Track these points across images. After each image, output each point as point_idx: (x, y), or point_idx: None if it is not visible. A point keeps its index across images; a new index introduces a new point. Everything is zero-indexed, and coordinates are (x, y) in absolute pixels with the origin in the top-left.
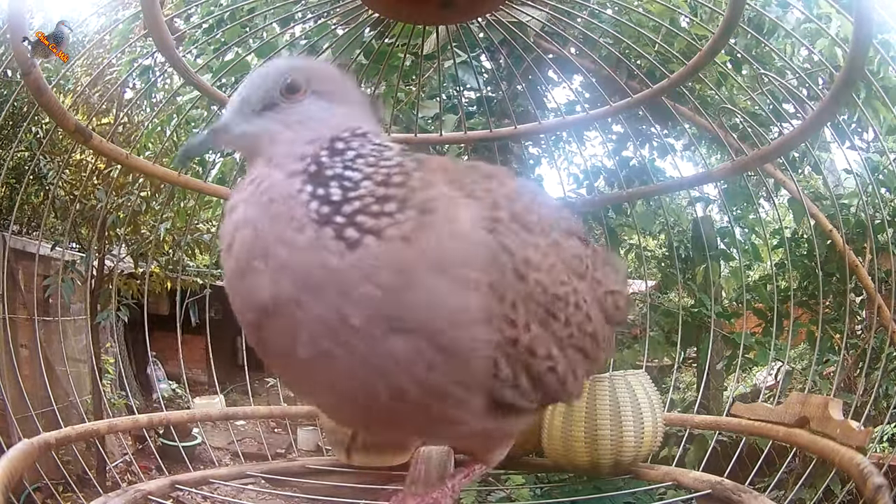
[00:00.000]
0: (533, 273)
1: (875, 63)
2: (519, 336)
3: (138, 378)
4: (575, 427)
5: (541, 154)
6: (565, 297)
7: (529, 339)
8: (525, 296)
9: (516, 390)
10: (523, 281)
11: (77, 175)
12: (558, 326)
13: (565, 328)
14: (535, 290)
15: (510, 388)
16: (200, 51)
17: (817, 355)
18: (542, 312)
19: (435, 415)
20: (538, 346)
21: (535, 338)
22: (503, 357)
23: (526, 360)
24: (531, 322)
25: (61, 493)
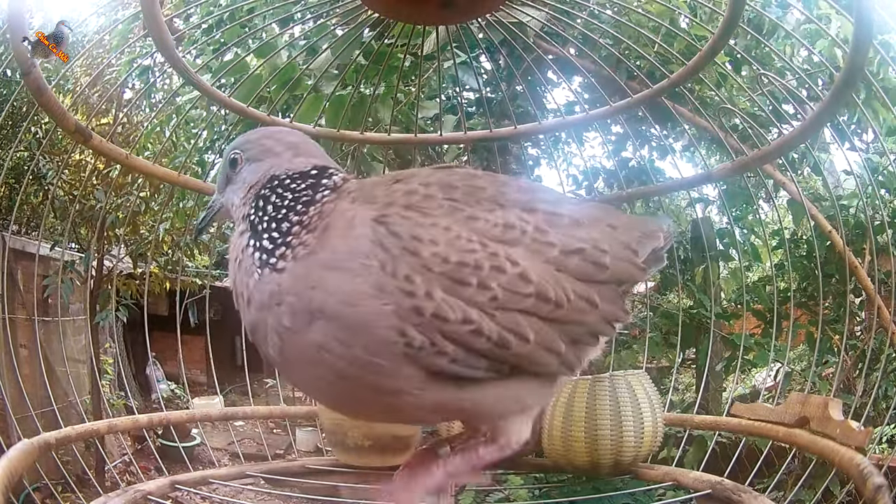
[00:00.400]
0: (427, 247)
1: (875, 64)
2: (420, 304)
3: (137, 378)
4: (575, 427)
5: (540, 155)
6: (476, 262)
7: (434, 306)
8: (420, 267)
9: (445, 357)
10: (416, 255)
11: (76, 175)
12: (471, 291)
13: (482, 291)
14: (431, 261)
15: (439, 356)
16: (200, 51)
17: (817, 356)
18: (446, 280)
19: (377, 387)
20: (447, 312)
21: (442, 304)
22: (411, 326)
23: (439, 327)
24: (432, 290)
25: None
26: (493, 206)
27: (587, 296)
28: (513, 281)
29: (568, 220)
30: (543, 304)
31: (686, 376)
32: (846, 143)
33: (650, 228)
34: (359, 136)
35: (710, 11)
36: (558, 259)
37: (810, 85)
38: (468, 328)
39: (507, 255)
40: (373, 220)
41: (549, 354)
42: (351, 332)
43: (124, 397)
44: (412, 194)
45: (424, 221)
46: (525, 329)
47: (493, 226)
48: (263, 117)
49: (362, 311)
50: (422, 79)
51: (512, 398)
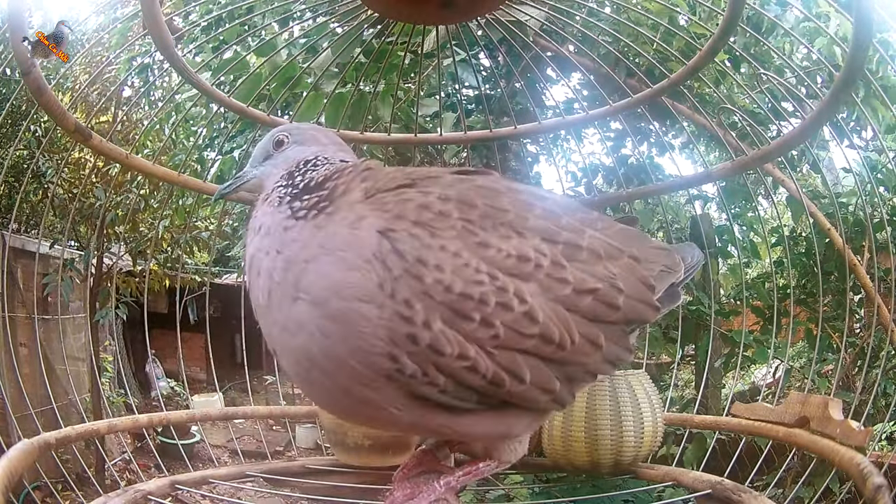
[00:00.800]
0: (431, 273)
1: (874, 62)
2: (417, 333)
3: (137, 376)
4: (575, 427)
5: (539, 152)
6: (482, 297)
7: (431, 337)
8: (421, 294)
9: (436, 388)
10: (419, 280)
11: (76, 173)
12: (473, 326)
13: (485, 329)
14: (433, 289)
15: (428, 386)
16: (199, 49)
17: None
18: (447, 311)
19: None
20: (444, 345)
21: (440, 336)
22: (404, 353)
23: (433, 359)
24: (431, 320)
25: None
26: (511, 234)
27: (593, 337)
28: (518, 320)
29: (588, 253)
30: (546, 345)
31: (685, 372)
32: (845, 140)
33: (673, 260)
34: (359, 135)
35: (710, 10)
36: (570, 298)
37: (809, 83)
38: (463, 364)
39: (517, 290)
40: (379, 231)
41: (542, 393)
42: (334, 325)
43: (124, 395)
44: (426, 209)
45: (433, 243)
46: (522, 369)
47: (507, 256)
48: (263, 117)
49: (350, 309)
50: (421, 77)
51: (497, 427)
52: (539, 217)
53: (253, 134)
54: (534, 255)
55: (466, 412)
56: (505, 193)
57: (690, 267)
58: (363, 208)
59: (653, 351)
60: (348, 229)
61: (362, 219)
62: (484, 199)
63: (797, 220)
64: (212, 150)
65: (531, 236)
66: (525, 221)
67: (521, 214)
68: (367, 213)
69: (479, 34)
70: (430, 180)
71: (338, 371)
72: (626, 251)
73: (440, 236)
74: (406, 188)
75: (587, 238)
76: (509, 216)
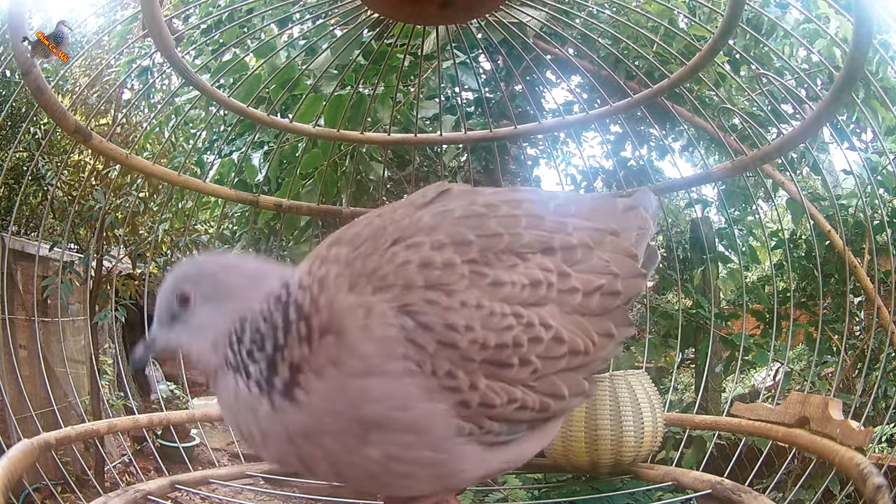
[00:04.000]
0: (463, 335)
1: (874, 63)
2: (467, 398)
3: (137, 379)
4: (575, 427)
5: (539, 155)
6: (515, 340)
7: (480, 395)
8: (460, 360)
9: (492, 434)
10: (454, 347)
11: (76, 176)
12: (514, 371)
13: (524, 368)
14: (470, 350)
15: (486, 435)
16: (199, 51)
17: (816, 356)
18: (488, 367)
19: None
20: (493, 398)
21: (487, 392)
22: (459, 418)
23: (486, 413)
24: (476, 381)
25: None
26: (514, 259)
27: (607, 330)
28: (549, 347)
29: (582, 249)
30: (574, 357)
31: (685, 376)
32: (845, 142)
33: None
34: (358, 136)
35: (709, 11)
36: (582, 304)
37: (809, 84)
38: (513, 407)
39: (541, 319)
40: (395, 311)
41: (579, 398)
42: (413, 435)
43: (124, 397)
44: (429, 267)
45: (452, 304)
46: (561, 388)
47: (521, 288)
48: (263, 118)
49: (416, 414)
50: (421, 78)
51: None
52: (527, 227)
53: (252, 136)
54: (542, 276)
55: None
56: (486, 215)
57: (654, 216)
58: (363, 300)
59: (652, 357)
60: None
61: (369, 312)
62: (473, 230)
63: (797, 222)
64: (211, 153)
65: (531, 253)
66: (520, 239)
67: (512, 233)
68: (371, 301)
69: (479, 36)
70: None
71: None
72: (606, 228)
73: (456, 291)
74: (392, 249)
75: (574, 232)
76: (505, 240)
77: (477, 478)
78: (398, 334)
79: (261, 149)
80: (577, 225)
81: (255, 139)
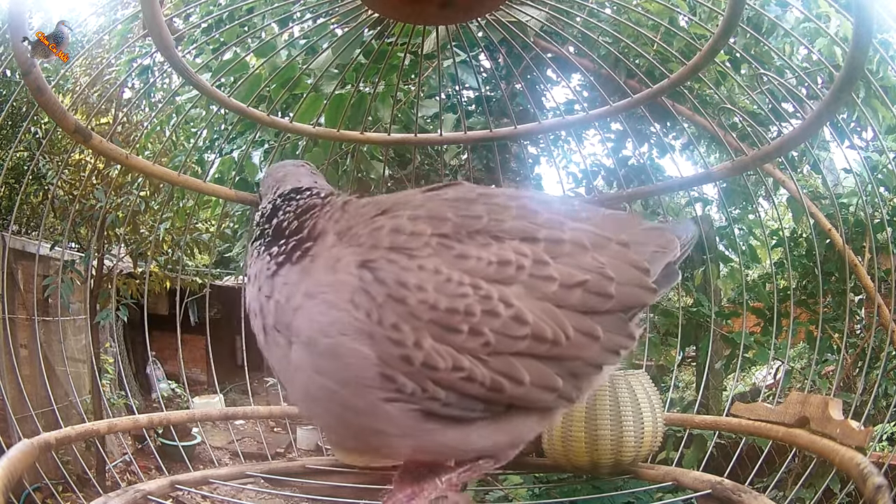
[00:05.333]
0: (414, 294)
1: (874, 62)
2: (410, 353)
3: (137, 378)
4: (575, 427)
5: (540, 153)
6: (467, 308)
7: (424, 355)
8: (408, 315)
9: (438, 402)
10: (402, 303)
11: (76, 175)
12: (462, 338)
13: (474, 338)
14: (418, 308)
15: (430, 401)
16: (199, 50)
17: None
18: (435, 328)
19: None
20: (437, 361)
21: (431, 353)
22: (400, 374)
23: (429, 375)
24: (422, 339)
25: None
26: (488, 240)
27: (588, 329)
28: (507, 324)
29: (571, 245)
30: (539, 344)
31: (686, 374)
32: (846, 141)
33: (667, 239)
34: (359, 135)
35: (710, 10)
36: (558, 294)
37: (809, 84)
38: (459, 375)
39: (502, 295)
40: (357, 265)
41: (545, 392)
42: (325, 361)
43: (125, 397)
44: (398, 232)
45: (411, 265)
46: (519, 372)
47: (487, 264)
48: (263, 117)
49: (337, 345)
50: (422, 77)
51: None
52: (516, 217)
53: (252, 135)
54: (514, 258)
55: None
56: (476, 200)
57: (686, 243)
58: (339, 250)
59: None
60: (327, 273)
61: (339, 259)
62: (455, 210)
63: (798, 221)
64: (211, 152)
65: (509, 238)
66: (500, 224)
67: (495, 218)
68: (343, 252)
69: (479, 35)
70: (400, 204)
71: (338, 406)
72: (615, 238)
73: (417, 256)
74: (376, 217)
75: (569, 231)
76: (483, 222)
77: (421, 449)
78: (354, 282)
79: (261, 147)
80: (578, 226)
81: (256, 138)
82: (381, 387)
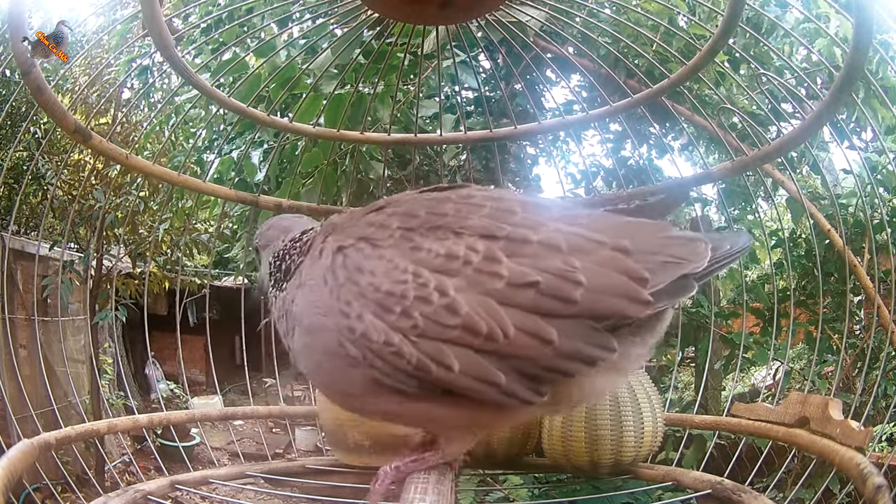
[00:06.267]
0: (365, 277)
1: (874, 63)
2: (354, 325)
3: (137, 378)
4: (575, 427)
5: (539, 153)
6: (402, 292)
7: (363, 327)
8: (357, 294)
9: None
10: (356, 284)
11: (75, 175)
12: (394, 318)
13: (404, 319)
14: (366, 289)
15: (371, 368)
16: (198, 51)
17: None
18: (375, 306)
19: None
20: (372, 333)
21: (369, 326)
22: (348, 341)
23: (367, 345)
24: (364, 314)
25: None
26: (447, 235)
27: (536, 331)
28: (437, 311)
29: (539, 246)
30: (472, 336)
31: (685, 374)
32: (845, 141)
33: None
34: (359, 136)
35: (709, 10)
36: (503, 292)
37: (809, 84)
38: (390, 349)
39: (439, 285)
40: (334, 250)
41: (481, 384)
42: (310, 336)
43: (124, 397)
44: (371, 225)
45: (371, 253)
46: (448, 358)
47: (435, 256)
48: (263, 117)
49: (314, 321)
50: (421, 77)
51: (451, 417)
52: (484, 216)
53: (252, 135)
54: (463, 252)
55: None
56: (453, 200)
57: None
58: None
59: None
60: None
61: (323, 249)
62: (427, 208)
63: (797, 221)
64: (211, 152)
65: (468, 235)
66: (464, 221)
67: (461, 216)
68: (328, 242)
69: (478, 35)
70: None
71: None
72: (611, 243)
73: (380, 246)
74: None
75: (545, 232)
76: (447, 219)
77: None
78: (329, 265)
79: (260, 147)
80: (560, 228)
81: (256, 138)
82: (343, 354)
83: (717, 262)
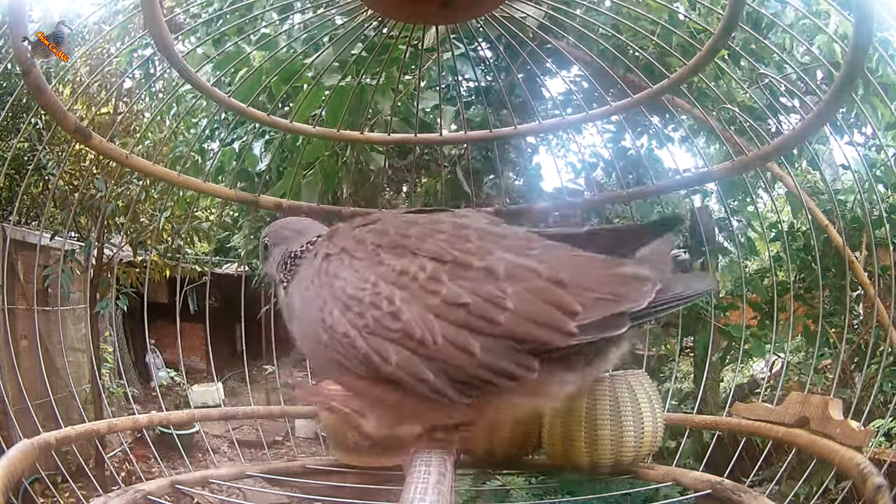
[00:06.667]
0: (338, 282)
1: (874, 61)
2: (325, 318)
3: (137, 366)
4: (575, 427)
5: (539, 142)
6: (360, 296)
7: (332, 320)
8: (330, 296)
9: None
10: (331, 287)
11: (76, 165)
12: (351, 316)
13: (359, 318)
14: (337, 292)
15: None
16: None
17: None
18: (340, 305)
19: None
20: (336, 325)
21: (335, 321)
22: (322, 330)
23: (332, 335)
24: (332, 310)
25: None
26: (406, 254)
27: (462, 344)
28: (384, 316)
29: (480, 272)
30: (408, 339)
31: (684, 364)
32: (844, 138)
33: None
34: (359, 135)
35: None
36: (439, 307)
37: (808, 82)
38: (346, 340)
39: (389, 295)
40: (323, 257)
41: (412, 378)
42: (300, 323)
43: (124, 385)
44: (353, 239)
45: (347, 263)
46: (388, 353)
47: (392, 271)
48: (263, 117)
49: (303, 312)
50: (422, 70)
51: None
52: (440, 241)
53: (253, 126)
54: (413, 270)
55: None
56: (420, 224)
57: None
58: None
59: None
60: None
61: (317, 254)
62: (397, 228)
63: (796, 215)
64: (212, 141)
65: (423, 256)
66: (422, 244)
67: (421, 239)
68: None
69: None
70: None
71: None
72: (548, 275)
73: (355, 257)
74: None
75: (487, 260)
76: (409, 241)
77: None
78: (317, 268)
79: (262, 138)
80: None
81: (257, 129)
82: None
83: (659, 304)
